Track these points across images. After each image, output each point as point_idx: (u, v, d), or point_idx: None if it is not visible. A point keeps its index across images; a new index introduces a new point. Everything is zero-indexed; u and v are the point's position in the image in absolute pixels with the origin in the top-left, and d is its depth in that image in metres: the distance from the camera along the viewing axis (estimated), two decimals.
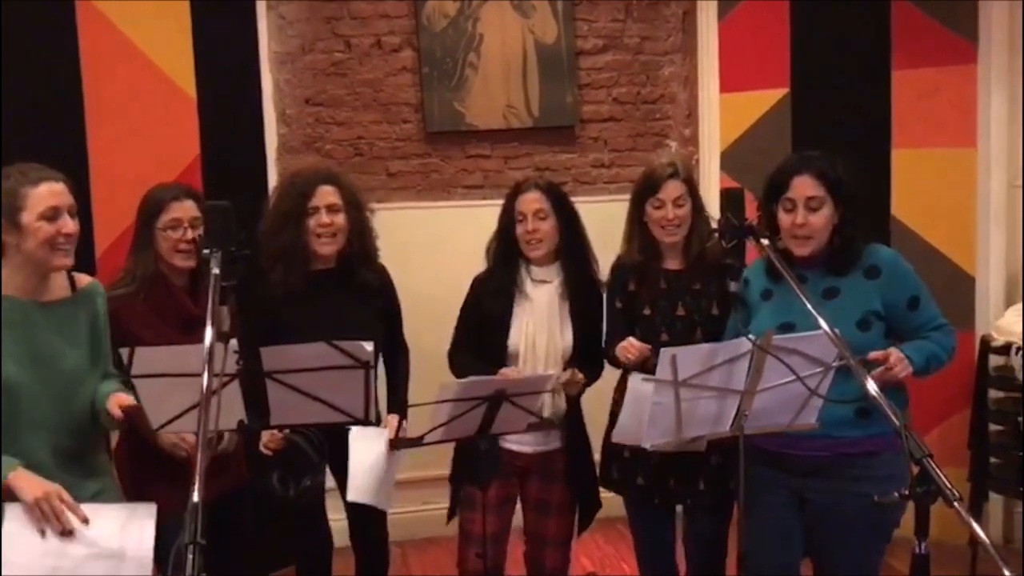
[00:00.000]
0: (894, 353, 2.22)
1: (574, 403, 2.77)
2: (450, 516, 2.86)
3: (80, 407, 2.23)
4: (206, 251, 1.78)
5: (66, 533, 1.96)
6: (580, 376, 2.67)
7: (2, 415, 2.05)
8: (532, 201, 2.72)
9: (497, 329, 2.73)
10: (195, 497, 1.40)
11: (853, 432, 2.28)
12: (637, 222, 2.70)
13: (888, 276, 2.34)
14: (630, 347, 2.56)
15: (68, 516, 1.97)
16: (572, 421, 2.78)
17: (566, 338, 2.74)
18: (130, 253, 2.62)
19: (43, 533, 1.95)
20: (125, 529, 2.00)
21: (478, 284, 2.84)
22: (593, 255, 2.83)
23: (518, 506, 2.88)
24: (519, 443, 2.73)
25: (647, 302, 2.69)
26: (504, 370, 2.67)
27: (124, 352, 1.98)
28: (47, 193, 2.10)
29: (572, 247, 2.77)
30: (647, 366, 2.47)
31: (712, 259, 2.63)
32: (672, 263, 2.71)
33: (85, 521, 1.97)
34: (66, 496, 1.99)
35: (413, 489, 3.59)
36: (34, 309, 2.15)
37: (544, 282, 2.75)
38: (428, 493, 3.67)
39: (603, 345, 2.81)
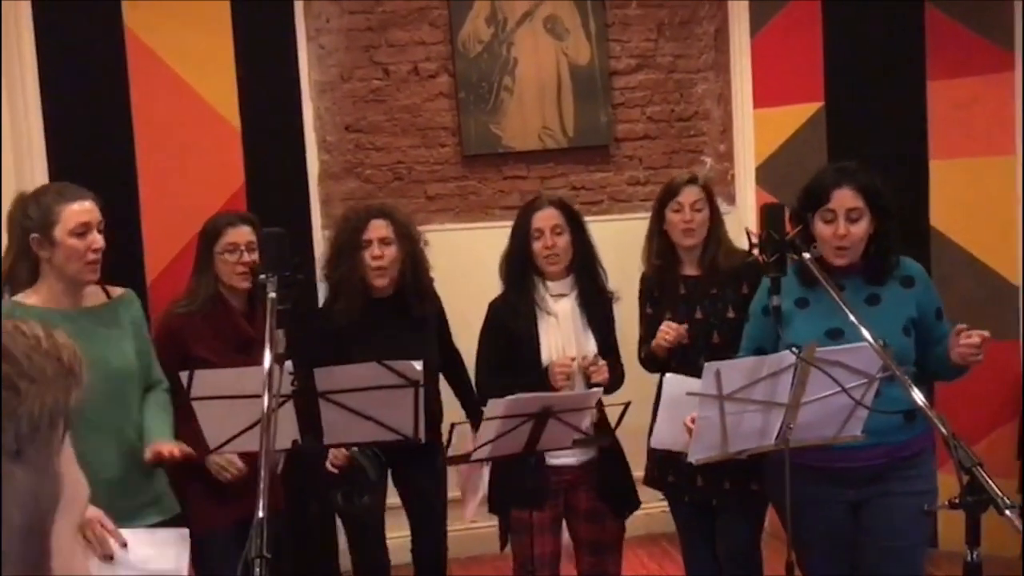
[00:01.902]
0: (984, 335, 2.19)
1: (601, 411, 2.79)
2: (503, 544, 2.86)
3: (134, 406, 2.33)
4: (262, 276, 1.84)
5: (106, 558, 2.04)
6: (602, 361, 2.73)
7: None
8: (549, 217, 2.80)
9: (526, 349, 2.77)
10: (260, 513, 1.44)
11: (904, 435, 2.32)
12: (656, 231, 2.84)
13: (921, 286, 2.41)
14: (667, 329, 2.65)
15: (109, 542, 2.04)
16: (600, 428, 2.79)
17: (591, 347, 2.80)
18: (192, 276, 2.78)
19: None
20: (161, 553, 2.07)
21: (496, 308, 2.88)
22: (601, 265, 2.91)
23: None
24: (563, 457, 2.73)
25: (668, 307, 2.79)
26: (557, 362, 2.70)
27: (183, 376, 2.05)
28: (78, 210, 2.22)
29: (584, 259, 2.85)
30: (687, 352, 2.63)
31: (727, 265, 2.76)
32: (690, 269, 2.83)
33: (124, 546, 2.05)
34: (107, 522, 2.06)
35: (459, 508, 3.62)
36: (76, 315, 2.26)
37: (562, 295, 2.82)
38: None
39: (614, 356, 2.88)
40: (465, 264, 4.05)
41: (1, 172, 3.09)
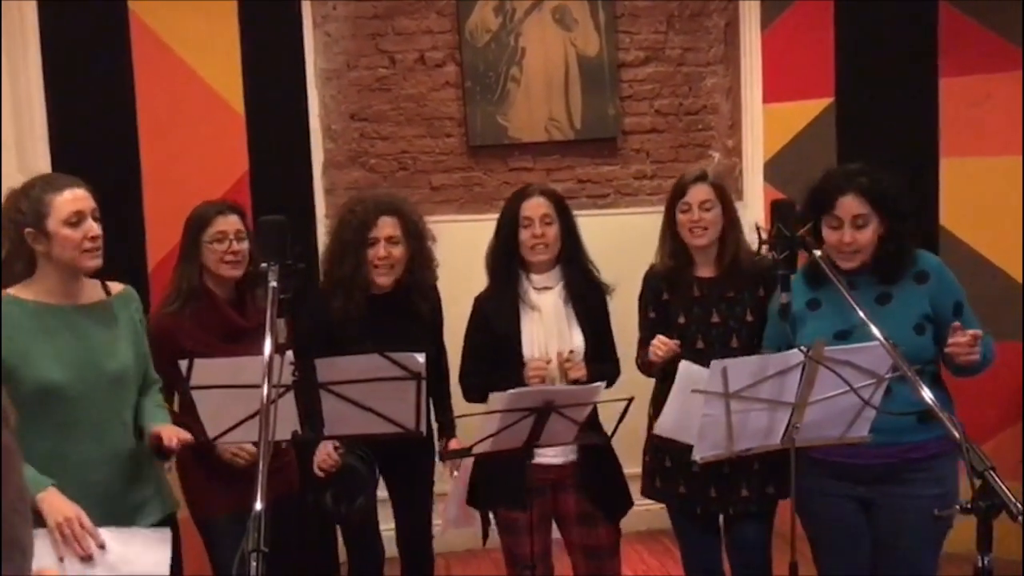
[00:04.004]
0: (976, 334, 2.17)
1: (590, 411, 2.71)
2: (485, 538, 2.80)
3: (129, 407, 2.28)
4: (264, 265, 1.80)
5: (85, 558, 1.99)
6: (579, 358, 2.66)
7: (52, 419, 2.11)
8: (539, 206, 2.73)
9: (509, 344, 2.71)
10: (258, 506, 1.42)
11: (917, 436, 2.28)
12: (669, 229, 2.74)
13: (936, 281, 2.36)
14: (660, 344, 2.56)
15: (88, 541, 2.00)
16: (591, 426, 2.69)
17: (576, 340, 2.73)
18: (176, 266, 2.72)
19: (61, 559, 1.98)
20: (141, 554, 2.04)
21: (481, 304, 2.82)
22: (589, 258, 2.82)
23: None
24: (549, 456, 2.65)
25: (681, 310, 2.70)
26: (531, 364, 2.64)
27: (183, 364, 2.02)
28: (70, 199, 2.13)
29: (572, 251, 2.78)
30: (703, 356, 2.45)
31: (746, 266, 2.66)
32: (704, 271, 2.72)
33: (102, 546, 2.01)
34: (86, 521, 2.02)
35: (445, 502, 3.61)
36: (72, 312, 2.19)
37: (546, 288, 2.75)
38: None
39: (608, 350, 2.81)
40: (468, 256, 3.97)
41: (1, 167, 3.05)
